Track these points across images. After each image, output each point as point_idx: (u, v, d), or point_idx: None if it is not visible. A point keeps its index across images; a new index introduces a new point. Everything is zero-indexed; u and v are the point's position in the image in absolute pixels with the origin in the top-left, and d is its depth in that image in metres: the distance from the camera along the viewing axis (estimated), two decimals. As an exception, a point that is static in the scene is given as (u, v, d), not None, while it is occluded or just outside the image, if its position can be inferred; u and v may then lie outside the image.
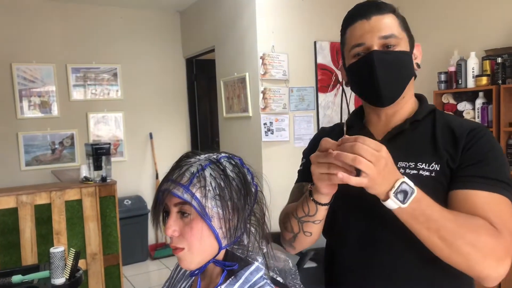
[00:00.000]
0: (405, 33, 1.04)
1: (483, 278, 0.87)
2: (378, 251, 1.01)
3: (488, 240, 0.86)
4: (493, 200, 0.90)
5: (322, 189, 0.92)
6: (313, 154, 0.90)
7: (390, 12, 1.03)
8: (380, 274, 1.01)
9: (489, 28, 3.36)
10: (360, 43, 1.01)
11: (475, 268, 0.86)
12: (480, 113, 3.20)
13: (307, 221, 1.00)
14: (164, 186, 0.86)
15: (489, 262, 0.85)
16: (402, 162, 0.99)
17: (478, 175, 0.92)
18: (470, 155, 0.94)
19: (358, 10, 1.04)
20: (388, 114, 1.07)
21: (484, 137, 0.96)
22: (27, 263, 2.65)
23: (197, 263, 0.87)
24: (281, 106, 3.60)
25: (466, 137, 0.96)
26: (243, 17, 3.70)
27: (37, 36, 4.26)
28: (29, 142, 4.26)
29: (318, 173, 0.88)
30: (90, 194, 2.87)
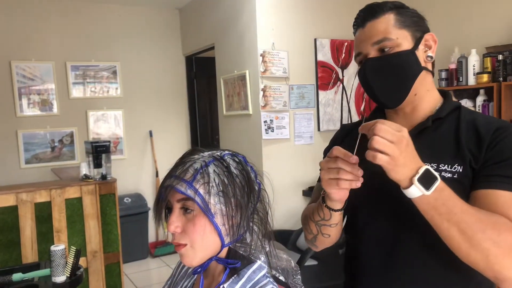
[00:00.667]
0: (407, 29, 1.00)
1: (501, 280, 0.84)
2: (398, 252, 0.99)
3: (509, 238, 0.83)
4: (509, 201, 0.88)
5: (332, 195, 0.91)
6: (323, 160, 0.90)
7: (386, 11, 1.01)
8: (399, 276, 1.00)
9: (490, 25, 3.35)
10: (359, 53, 1.03)
11: (494, 267, 0.83)
12: (481, 110, 3.19)
13: (324, 225, 1.01)
14: (167, 182, 0.85)
15: (510, 261, 0.83)
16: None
17: (502, 174, 0.89)
18: (494, 153, 0.92)
19: (357, 18, 1.06)
20: (406, 113, 1.05)
21: (510, 136, 0.94)
22: (28, 261, 2.64)
23: (199, 260, 0.86)
24: (281, 103, 3.59)
25: (491, 136, 0.94)
26: (243, 14, 3.69)
27: (36, 34, 4.24)
28: (29, 140, 4.25)
29: (327, 179, 0.88)
30: (90, 192, 2.87)
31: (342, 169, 0.85)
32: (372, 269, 1.04)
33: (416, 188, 0.82)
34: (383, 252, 1.02)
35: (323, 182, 0.89)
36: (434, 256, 0.95)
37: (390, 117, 1.09)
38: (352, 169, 0.85)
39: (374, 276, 1.04)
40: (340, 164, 0.85)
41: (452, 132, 0.99)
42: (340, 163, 0.85)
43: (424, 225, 0.88)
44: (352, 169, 0.85)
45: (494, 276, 0.85)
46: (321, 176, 0.89)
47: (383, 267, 1.02)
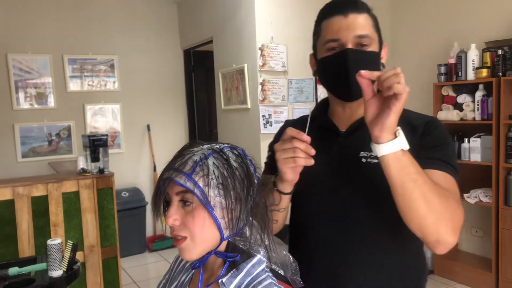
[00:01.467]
0: (377, 34, 1.08)
1: (442, 242, 0.92)
2: (343, 231, 1.07)
3: (454, 204, 0.94)
4: (448, 179, 0.99)
5: (287, 175, 0.99)
6: (278, 143, 0.99)
7: (366, 11, 1.07)
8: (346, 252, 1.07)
9: (489, 20, 3.33)
10: (336, 39, 1.05)
11: (440, 230, 0.91)
12: (480, 105, 3.19)
13: (272, 210, 1.06)
14: (166, 174, 0.84)
15: (452, 227, 0.92)
16: (364, 152, 1.06)
17: (435, 157, 1.00)
18: (428, 140, 1.04)
19: (336, 5, 1.09)
20: (352, 108, 1.12)
21: (439, 127, 1.07)
22: (24, 255, 2.63)
23: (199, 254, 0.85)
24: (280, 98, 3.58)
25: (423, 127, 1.06)
26: (241, 8, 3.66)
27: (32, 26, 4.21)
28: (26, 133, 4.23)
29: (283, 158, 0.97)
30: (87, 186, 2.85)
31: (297, 147, 0.95)
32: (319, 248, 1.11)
33: (400, 141, 0.88)
34: (332, 227, 1.09)
35: (280, 162, 0.98)
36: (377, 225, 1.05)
37: (335, 112, 1.16)
38: (306, 147, 0.96)
39: (322, 254, 1.10)
40: (295, 143, 0.96)
41: None
42: (295, 143, 0.96)
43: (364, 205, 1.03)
44: (306, 148, 0.96)
45: (436, 240, 0.92)
46: (277, 157, 0.98)
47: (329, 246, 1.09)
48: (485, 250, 3.52)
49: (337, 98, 1.13)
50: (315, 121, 1.13)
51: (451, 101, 3.43)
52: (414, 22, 3.92)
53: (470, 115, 3.28)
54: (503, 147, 3.04)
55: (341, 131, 1.13)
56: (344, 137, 1.12)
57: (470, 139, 3.26)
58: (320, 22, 1.11)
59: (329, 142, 1.12)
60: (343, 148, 1.11)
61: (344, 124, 1.13)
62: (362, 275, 1.06)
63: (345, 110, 1.13)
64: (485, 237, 3.51)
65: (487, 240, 3.47)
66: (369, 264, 1.06)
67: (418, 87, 3.86)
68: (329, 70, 1.08)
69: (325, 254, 1.09)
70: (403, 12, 4.01)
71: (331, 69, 1.07)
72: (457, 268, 3.43)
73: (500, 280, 3.14)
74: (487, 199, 3.20)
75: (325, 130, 1.14)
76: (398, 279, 1.07)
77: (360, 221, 1.06)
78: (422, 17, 3.84)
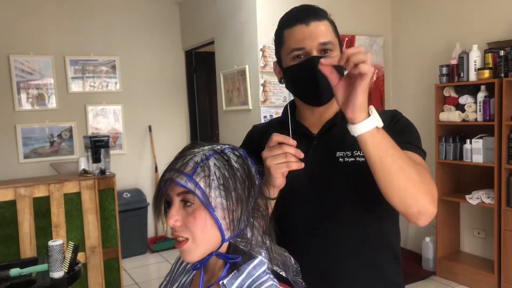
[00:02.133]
0: (337, 38, 1.12)
1: (423, 213, 0.96)
2: (328, 235, 1.11)
3: (428, 176, 0.99)
4: (417, 158, 1.04)
5: (278, 181, 1.00)
6: (265, 150, 0.99)
7: (325, 18, 1.11)
8: (335, 253, 1.11)
9: (491, 21, 3.33)
10: (301, 47, 1.08)
11: (420, 200, 0.95)
12: (482, 106, 3.18)
13: None
14: (167, 175, 0.84)
15: (430, 197, 0.96)
16: (339, 152, 1.10)
17: (403, 141, 1.03)
18: (395, 128, 1.07)
19: (296, 14, 1.12)
20: (320, 111, 1.16)
21: (403, 118, 1.14)
22: (26, 256, 2.63)
23: (200, 255, 0.85)
24: (281, 99, 3.58)
25: (389, 119, 1.10)
26: (243, 9, 3.67)
27: (34, 27, 4.22)
28: (27, 134, 4.24)
29: (275, 164, 0.97)
30: (89, 187, 2.85)
31: (288, 152, 0.97)
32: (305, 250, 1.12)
33: (374, 119, 0.90)
34: (316, 231, 1.12)
35: (272, 168, 0.98)
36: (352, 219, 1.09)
37: (303, 115, 1.19)
38: (296, 151, 0.98)
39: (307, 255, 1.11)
40: (286, 149, 0.97)
41: None
42: (286, 148, 0.97)
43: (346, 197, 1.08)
44: (295, 152, 0.98)
45: (418, 211, 0.96)
46: (268, 163, 0.98)
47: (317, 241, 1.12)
48: (487, 251, 3.51)
49: (306, 104, 1.16)
50: (284, 125, 1.15)
51: (453, 102, 3.42)
52: (416, 23, 3.91)
53: (472, 116, 3.27)
54: (505, 148, 3.03)
55: (314, 133, 1.16)
56: (317, 139, 1.15)
57: (472, 140, 3.25)
58: (281, 31, 1.13)
59: (303, 145, 1.10)
60: (319, 150, 1.14)
61: (315, 126, 1.16)
62: (351, 270, 1.10)
63: (314, 113, 1.16)
64: (487, 238, 3.50)
65: (489, 242, 3.46)
66: (357, 258, 1.10)
67: (419, 88, 3.86)
68: (297, 78, 1.11)
69: (309, 258, 1.10)
70: (405, 12, 4.00)
71: (299, 77, 1.10)
72: (459, 269, 3.42)
73: (503, 282, 3.13)
74: (489, 201, 3.19)
75: (297, 133, 1.12)
76: (381, 271, 1.13)
77: (344, 218, 1.10)
78: (424, 18, 3.83)
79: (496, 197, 3.12)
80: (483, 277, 3.25)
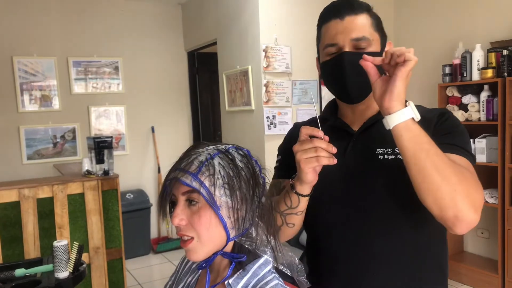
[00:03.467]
0: (378, 33, 1.07)
1: (461, 219, 0.88)
2: (364, 234, 1.05)
3: (471, 179, 0.91)
4: (463, 162, 0.97)
5: (308, 176, 0.96)
6: (296, 144, 0.97)
7: (364, 11, 1.06)
8: (368, 254, 1.05)
9: (494, 20, 3.32)
10: (333, 43, 1.05)
11: (458, 204, 0.87)
12: (485, 106, 3.18)
13: (290, 214, 1.05)
14: (172, 175, 0.84)
15: (469, 201, 0.88)
16: (380, 149, 1.05)
17: (450, 142, 0.99)
18: (441, 128, 1.03)
19: (332, 8, 1.08)
20: (361, 109, 1.12)
21: (452, 117, 1.08)
22: (30, 257, 2.64)
23: (206, 254, 0.85)
24: (284, 99, 3.58)
25: (436, 118, 1.06)
26: (245, 10, 3.67)
27: (37, 29, 4.23)
28: (31, 136, 4.25)
29: (305, 158, 0.94)
30: (92, 187, 2.86)
31: (319, 146, 0.93)
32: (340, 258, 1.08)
33: (410, 110, 0.89)
34: (348, 241, 1.07)
35: (302, 162, 0.95)
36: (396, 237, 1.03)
37: (344, 113, 1.16)
38: (327, 145, 0.94)
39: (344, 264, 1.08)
40: (316, 143, 0.93)
41: None
42: (316, 142, 0.94)
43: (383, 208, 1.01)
44: (327, 146, 0.94)
45: (455, 215, 0.88)
46: (298, 157, 0.95)
47: (352, 254, 1.06)
48: (491, 251, 3.50)
49: (341, 101, 1.14)
50: (325, 122, 1.12)
51: (456, 101, 3.42)
52: (419, 23, 3.91)
53: (475, 116, 3.27)
54: (509, 147, 3.02)
55: (354, 130, 1.12)
56: (357, 136, 1.11)
57: (475, 139, 3.25)
58: (320, 27, 1.11)
59: (343, 142, 1.09)
60: (358, 147, 1.09)
61: (355, 124, 1.13)
62: (384, 277, 1.04)
63: (354, 111, 1.13)
64: (491, 238, 3.49)
65: (493, 242, 3.45)
66: (391, 264, 1.04)
67: (423, 87, 3.85)
68: (329, 74, 1.09)
69: (346, 258, 1.07)
70: (407, 12, 4.00)
71: (331, 74, 1.08)
72: (463, 269, 3.41)
73: (506, 282, 3.13)
74: (493, 200, 3.18)
75: (337, 130, 1.12)
76: (417, 279, 1.06)
77: (380, 220, 1.04)
78: (427, 18, 3.83)
79: (500, 196, 3.11)
80: (487, 277, 3.24)
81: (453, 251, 3.57)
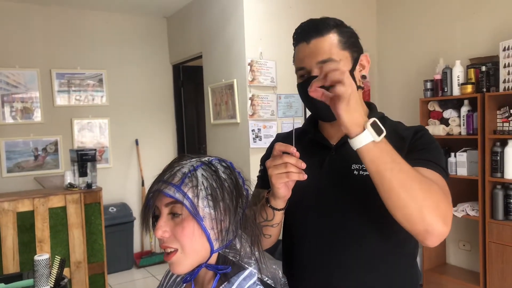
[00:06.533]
0: (347, 50, 1.07)
1: (431, 232, 0.90)
2: (335, 245, 1.07)
3: (439, 192, 0.92)
4: (435, 176, 0.99)
5: (280, 191, 0.98)
6: (269, 160, 0.99)
7: (331, 30, 1.06)
8: (338, 264, 1.07)
9: (473, 37, 3.41)
10: (302, 67, 1.08)
11: (426, 218, 0.89)
12: (465, 120, 3.24)
13: (266, 225, 1.07)
14: (155, 187, 0.84)
15: (438, 213, 0.89)
16: (355, 165, 1.07)
17: (423, 158, 1.02)
18: (416, 144, 1.06)
19: (300, 31, 1.10)
20: (338, 124, 1.10)
21: (427, 134, 1.09)
22: (9, 272, 2.58)
23: (190, 267, 0.85)
24: (269, 112, 3.60)
25: (412, 136, 1.08)
26: (230, 24, 3.70)
27: (20, 40, 4.19)
28: (11, 148, 4.18)
29: (276, 174, 0.96)
30: (74, 201, 2.82)
31: (288, 162, 0.95)
32: (311, 261, 1.10)
33: (368, 133, 0.87)
34: (320, 246, 1.09)
35: (273, 178, 0.97)
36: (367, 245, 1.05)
37: (323, 126, 1.17)
38: (296, 161, 0.96)
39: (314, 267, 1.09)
40: (286, 159, 0.96)
41: None
42: (286, 158, 0.96)
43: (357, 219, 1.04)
44: (296, 162, 0.96)
45: (425, 229, 0.90)
46: (270, 173, 0.97)
47: (322, 259, 1.08)
48: (472, 263, 3.54)
49: None
50: (306, 134, 1.15)
51: (437, 116, 3.48)
52: (400, 39, 4.00)
53: (456, 130, 3.33)
54: (489, 161, 3.08)
55: (332, 144, 1.14)
56: (335, 150, 1.13)
57: (456, 153, 3.30)
58: (294, 48, 1.15)
59: (320, 156, 1.12)
60: (335, 161, 1.11)
61: (334, 138, 1.15)
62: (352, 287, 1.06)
63: (332, 125, 1.14)
64: (473, 250, 3.53)
65: (474, 254, 3.49)
66: (363, 276, 1.06)
67: (405, 102, 3.92)
68: (302, 97, 1.12)
69: (318, 269, 1.09)
70: (390, 29, 4.08)
71: (303, 96, 1.11)
72: (445, 281, 3.44)
73: (488, 294, 3.16)
74: (474, 213, 3.23)
75: (316, 143, 1.15)
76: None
77: (354, 234, 1.06)
78: (408, 35, 3.91)
79: (481, 209, 3.16)
80: (469, 290, 3.27)
81: (435, 263, 3.60)
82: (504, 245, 3.03)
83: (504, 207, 3.05)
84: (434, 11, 3.68)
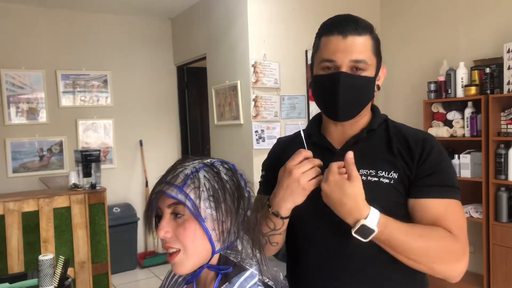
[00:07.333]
0: (375, 57, 1.06)
1: (448, 277, 0.99)
2: (341, 252, 1.05)
3: (449, 245, 0.97)
4: (449, 207, 1.01)
5: (302, 199, 1.01)
6: (293, 166, 1.00)
7: (367, 33, 1.04)
8: (343, 272, 1.05)
9: (477, 39, 3.41)
10: (332, 60, 1.02)
11: (441, 273, 0.98)
12: (469, 122, 3.24)
13: (273, 234, 1.06)
14: (158, 188, 0.85)
15: (452, 265, 0.98)
16: (363, 170, 1.04)
17: (434, 184, 1.01)
18: (425, 167, 1.03)
19: (337, 22, 1.04)
20: (345, 126, 1.11)
21: (435, 148, 1.05)
22: (14, 271, 2.60)
23: (192, 267, 0.86)
24: (272, 114, 3.61)
25: (420, 147, 1.04)
26: (235, 25, 3.71)
27: (26, 42, 4.22)
28: (17, 148, 4.21)
29: (306, 182, 0.99)
30: (79, 201, 2.84)
31: (316, 165, 1.00)
32: (317, 268, 1.08)
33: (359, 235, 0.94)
34: (326, 251, 1.07)
35: (306, 185, 0.99)
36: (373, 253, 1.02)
37: (327, 128, 1.14)
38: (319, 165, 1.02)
39: (320, 274, 1.08)
40: (316, 162, 1.01)
41: (384, 142, 1.09)
42: (315, 161, 1.01)
43: None
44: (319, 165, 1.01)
45: (443, 277, 0.99)
46: (300, 180, 0.99)
47: (328, 266, 1.07)
48: (476, 266, 3.53)
49: (326, 117, 1.12)
50: (309, 138, 1.12)
51: (441, 118, 3.47)
52: (405, 41, 3.99)
53: (460, 132, 3.32)
54: (493, 163, 3.07)
55: (336, 148, 1.10)
56: (339, 155, 1.06)
57: (460, 155, 3.30)
58: (319, 37, 1.08)
59: (324, 161, 1.06)
60: None
61: (338, 141, 1.11)
62: None
63: (337, 127, 1.11)
64: (476, 253, 3.52)
65: (478, 256, 3.48)
66: (371, 281, 1.04)
67: (408, 104, 3.92)
68: (321, 89, 1.07)
69: (323, 275, 1.07)
70: (393, 31, 4.08)
71: (323, 89, 1.06)
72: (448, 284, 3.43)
73: (492, 296, 3.15)
74: (478, 215, 3.22)
75: (320, 147, 1.11)
76: None
77: (355, 245, 1.01)
78: (412, 36, 3.91)
79: (484, 211, 3.15)
80: (473, 292, 3.26)
81: (440, 265, 3.59)
82: (508, 248, 3.02)
83: (508, 209, 3.04)
84: (438, 12, 3.67)
